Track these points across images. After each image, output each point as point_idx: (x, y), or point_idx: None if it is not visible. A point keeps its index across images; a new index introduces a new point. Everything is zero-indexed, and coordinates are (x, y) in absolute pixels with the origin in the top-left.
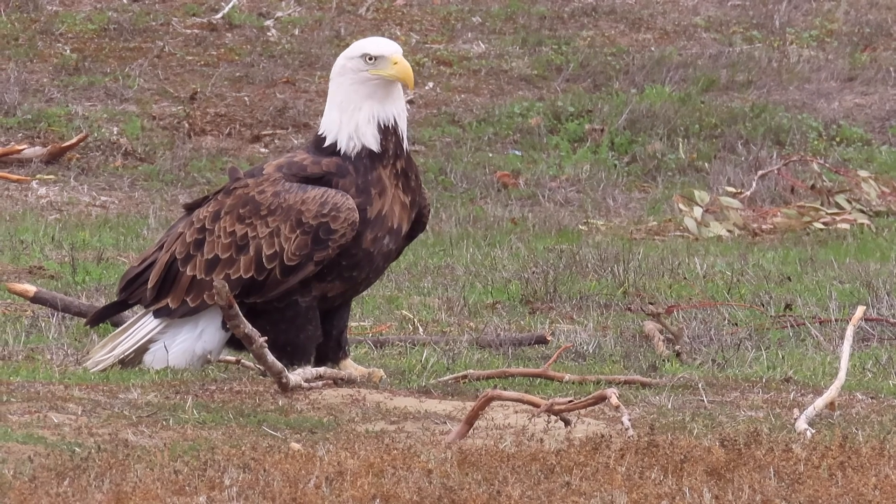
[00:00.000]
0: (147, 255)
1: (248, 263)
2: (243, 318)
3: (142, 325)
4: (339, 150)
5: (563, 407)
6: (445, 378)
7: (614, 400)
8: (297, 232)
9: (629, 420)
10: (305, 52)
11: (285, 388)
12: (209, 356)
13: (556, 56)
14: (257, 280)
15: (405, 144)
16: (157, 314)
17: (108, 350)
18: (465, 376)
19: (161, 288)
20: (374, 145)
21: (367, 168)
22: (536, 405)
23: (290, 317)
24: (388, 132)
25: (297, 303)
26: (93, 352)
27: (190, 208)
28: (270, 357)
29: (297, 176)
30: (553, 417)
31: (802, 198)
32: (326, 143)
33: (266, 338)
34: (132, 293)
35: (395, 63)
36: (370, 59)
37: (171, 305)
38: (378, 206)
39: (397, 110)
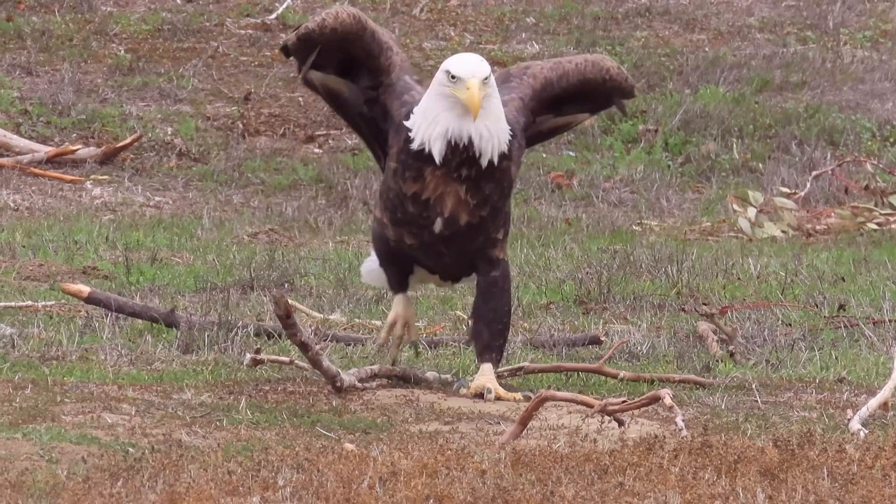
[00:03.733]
0: None
1: None
2: (300, 328)
3: None
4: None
5: (616, 407)
6: (500, 370)
7: (668, 400)
8: None
9: (683, 420)
10: None
11: (339, 390)
12: None
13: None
14: None
15: (486, 158)
16: None
17: None
18: (520, 369)
19: None
20: (437, 157)
21: (423, 158)
22: (590, 405)
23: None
24: (457, 149)
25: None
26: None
27: None
28: (326, 362)
29: None
30: (607, 418)
31: (856, 198)
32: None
33: (321, 346)
34: None
35: (468, 89)
36: (452, 77)
37: None
38: (415, 188)
39: (476, 128)
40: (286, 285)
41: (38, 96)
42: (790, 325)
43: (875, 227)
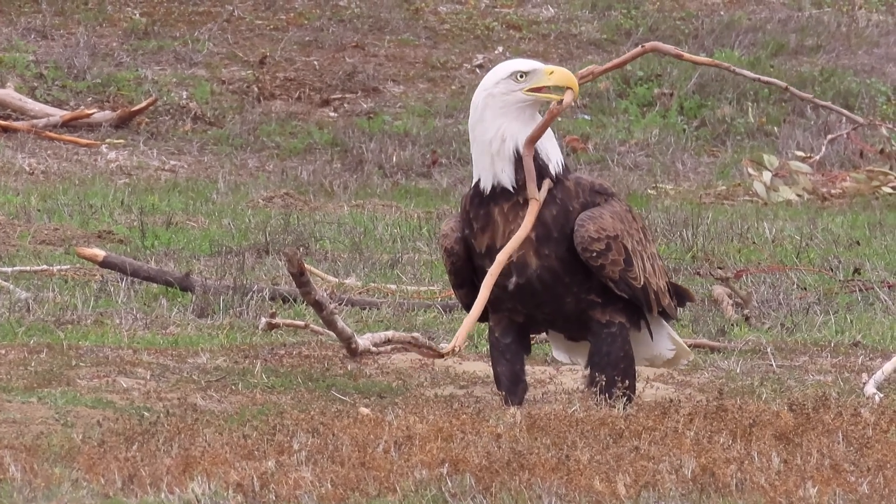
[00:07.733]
0: None
1: None
2: (314, 286)
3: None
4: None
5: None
6: None
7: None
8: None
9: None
10: (374, 16)
11: (354, 353)
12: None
13: (626, 20)
14: None
15: (552, 166)
16: None
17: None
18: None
19: None
20: (509, 181)
21: (480, 203)
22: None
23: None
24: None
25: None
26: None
27: None
28: (340, 323)
29: None
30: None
31: (871, 162)
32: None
33: (335, 305)
34: None
35: (551, 73)
36: (522, 75)
37: None
38: (487, 238)
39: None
40: (301, 249)
41: (53, 60)
42: (805, 288)
43: (890, 190)
